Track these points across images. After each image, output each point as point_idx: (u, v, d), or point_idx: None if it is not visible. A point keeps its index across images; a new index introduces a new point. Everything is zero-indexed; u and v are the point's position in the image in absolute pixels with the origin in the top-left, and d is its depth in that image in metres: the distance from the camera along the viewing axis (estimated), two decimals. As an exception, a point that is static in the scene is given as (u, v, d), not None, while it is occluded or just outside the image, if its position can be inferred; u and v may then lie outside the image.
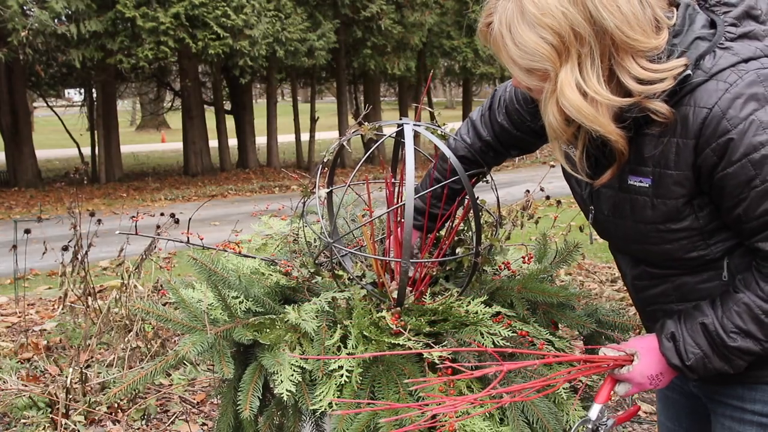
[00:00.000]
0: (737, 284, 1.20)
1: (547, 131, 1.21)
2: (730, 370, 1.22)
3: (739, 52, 1.13)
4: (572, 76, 1.10)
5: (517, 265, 1.83)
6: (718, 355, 1.20)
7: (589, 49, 1.09)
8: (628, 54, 1.10)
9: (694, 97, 1.12)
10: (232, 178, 16.01)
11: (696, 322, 1.22)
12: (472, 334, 1.48)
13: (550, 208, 4.02)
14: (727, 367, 1.21)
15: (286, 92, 29.24)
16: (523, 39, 1.12)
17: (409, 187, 1.38)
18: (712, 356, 1.21)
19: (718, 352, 1.20)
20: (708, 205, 1.19)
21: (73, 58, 12.12)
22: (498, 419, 1.45)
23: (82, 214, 3.92)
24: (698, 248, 1.22)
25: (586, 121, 1.12)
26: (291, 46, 13.43)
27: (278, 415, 1.60)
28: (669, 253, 1.24)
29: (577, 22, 1.08)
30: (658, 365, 1.27)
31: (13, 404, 3.16)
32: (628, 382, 1.31)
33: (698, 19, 1.17)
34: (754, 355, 1.19)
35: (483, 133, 1.59)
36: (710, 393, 1.36)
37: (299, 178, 2.18)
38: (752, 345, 1.17)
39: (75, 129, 17.23)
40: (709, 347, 1.21)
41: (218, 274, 1.62)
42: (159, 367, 1.53)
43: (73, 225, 3.83)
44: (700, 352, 1.21)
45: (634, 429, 3.09)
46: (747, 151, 1.08)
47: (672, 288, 1.30)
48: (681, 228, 1.20)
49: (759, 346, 1.17)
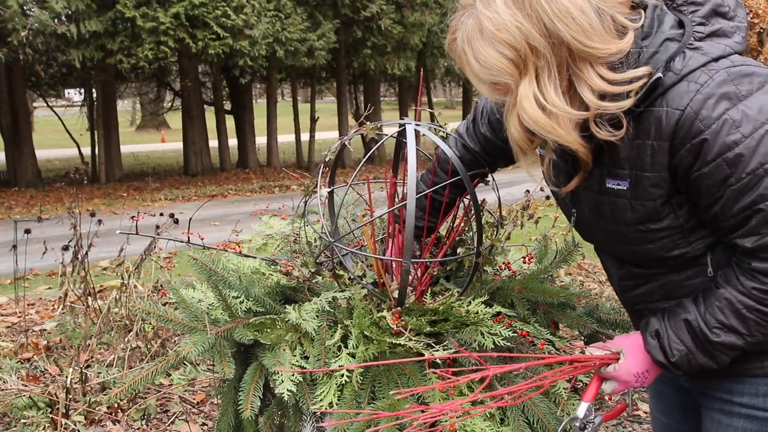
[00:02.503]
0: (718, 280, 1.21)
1: (511, 144, 1.23)
2: (714, 365, 1.22)
3: (708, 51, 1.13)
4: (530, 89, 1.12)
5: (517, 265, 1.83)
6: (701, 351, 1.21)
7: (545, 61, 1.10)
8: (587, 63, 1.11)
9: (666, 99, 1.13)
10: (232, 178, 16.00)
11: (679, 319, 1.23)
12: (473, 334, 1.48)
13: (550, 208, 4.03)
14: (712, 363, 1.22)
15: (286, 92, 29.24)
16: (482, 55, 1.13)
17: (411, 187, 1.38)
18: (696, 352, 1.22)
19: (702, 348, 1.21)
20: (686, 203, 1.20)
21: (73, 58, 12.11)
22: (498, 419, 1.45)
23: (82, 214, 3.92)
24: (680, 246, 1.23)
25: (545, 133, 1.14)
26: (291, 46, 13.43)
27: (279, 415, 1.60)
28: (651, 252, 1.25)
29: (532, 35, 1.09)
30: (643, 362, 1.28)
31: (13, 404, 3.16)
32: (615, 380, 1.31)
33: (666, 19, 1.17)
34: (737, 349, 1.20)
35: (470, 144, 1.61)
36: (700, 387, 1.37)
37: (299, 178, 2.18)
38: (735, 339, 1.18)
39: (75, 129, 17.23)
40: (692, 343, 1.21)
41: (218, 274, 1.62)
42: (159, 367, 1.53)
43: (73, 225, 3.83)
44: (684, 349, 1.22)
45: (634, 429, 3.09)
46: (721, 150, 1.09)
47: (657, 286, 1.31)
48: (661, 228, 1.21)
49: (742, 341, 1.18)
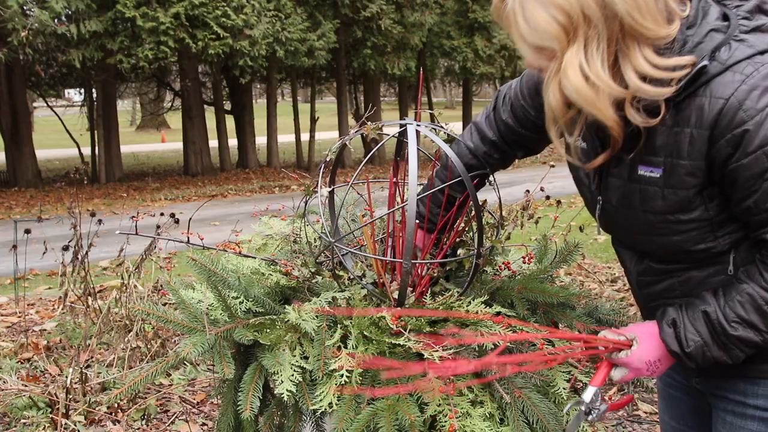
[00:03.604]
0: (740, 275, 1.20)
1: (546, 113, 1.21)
2: (729, 360, 1.21)
3: (754, 44, 1.13)
4: (577, 58, 1.11)
5: (517, 266, 1.83)
6: (717, 344, 1.20)
7: (596, 32, 1.10)
8: (635, 41, 1.11)
9: (710, 88, 1.13)
10: (232, 178, 16.00)
11: (698, 310, 1.22)
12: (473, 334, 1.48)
13: (550, 208, 4.03)
14: (726, 357, 1.21)
15: (286, 92, 29.24)
16: (533, 17, 1.12)
17: (412, 187, 1.38)
18: (712, 344, 1.21)
19: (718, 341, 1.20)
20: (718, 195, 1.18)
21: (73, 58, 12.11)
22: (498, 419, 1.45)
23: (82, 214, 3.92)
24: (706, 240, 1.22)
25: (584, 103, 1.13)
26: (291, 46, 13.43)
27: (278, 415, 1.60)
28: (676, 244, 1.24)
29: (587, 4, 1.09)
30: (656, 351, 1.27)
31: (13, 404, 3.16)
32: (625, 368, 1.30)
33: (711, 11, 1.17)
34: (753, 346, 1.19)
35: (488, 133, 1.58)
36: (713, 388, 1.36)
37: (299, 178, 2.18)
38: (753, 335, 1.17)
39: (75, 129, 17.23)
40: (709, 335, 1.21)
41: (218, 274, 1.62)
42: (159, 367, 1.53)
43: (73, 225, 3.83)
44: (700, 340, 1.21)
45: (634, 429, 3.09)
46: (762, 142, 1.09)
47: (677, 283, 1.30)
48: (690, 219, 1.20)
49: (760, 337, 1.17)
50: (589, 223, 4.32)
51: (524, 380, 1.48)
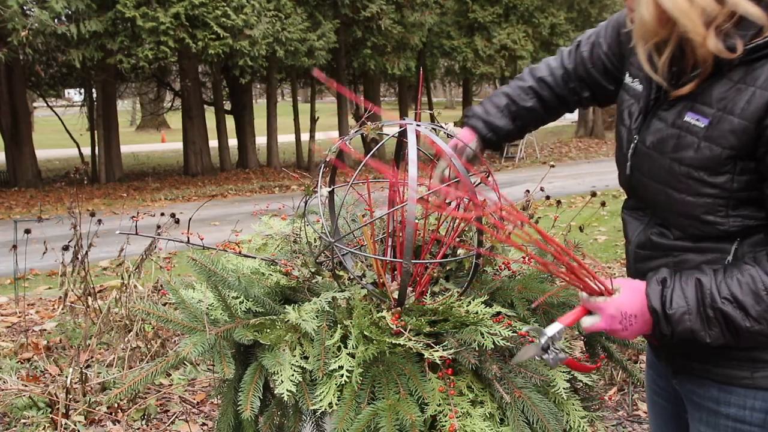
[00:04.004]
0: (746, 259, 1.17)
1: (636, 29, 1.18)
2: (705, 337, 1.17)
3: None
4: None
5: (517, 265, 1.83)
6: (700, 315, 1.16)
7: None
8: None
9: None
10: (232, 178, 16.01)
11: (692, 277, 1.19)
12: (473, 334, 1.48)
13: (550, 208, 4.03)
14: (703, 333, 1.17)
15: (286, 92, 29.25)
16: None
17: (412, 187, 1.38)
18: (695, 314, 1.17)
19: (703, 312, 1.16)
20: (750, 172, 1.15)
21: (73, 58, 12.12)
22: (498, 419, 1.45)
23: (82, 214, 3.92)
24: (718, 213, 1.18)
25: (679, 14, 1.10)
26: (291, 46, 13.44)
27: (278, 415, 1.60)
28: (688, 207, 1.20)
29: None
30: (636, 304, 1.22)
31: (13, 404, 3.16)
32: (599, 315, 1.25)
33: None
34: (734, 331, 1.15)
35: (567, 61, 1.59)
36: (689, 393, 1.34)
37: (299, 178, 2.18)
38: (739, 318, 1.14)
39: (75, 129, 17.24)
40: (695, 303, 1.17)
41: (218, 274, 1.62)
42: (159, 367, 1.53)
43: (73, 225, 3.83)
44: (685, 306, 1.17)
45: (634, 429, 3.09)
46: None
47: (672, 263, 1.27)
48: (713, 183, 1.17)
49: (745, 323, 1.14)
50: (589, 223, 4.31)
51: (524, 380, 1.48)
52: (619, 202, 1.66)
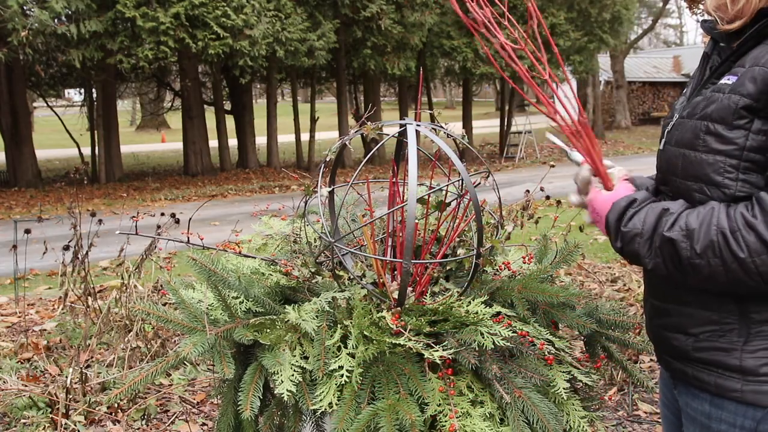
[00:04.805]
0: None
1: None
2: (648, 263, 1.20)
3: None
4: None
5: (517, 266, 1.83)
6: (650, 242, 1.19)
7: None
8: None
9: None
10: (232, 178, 16.01)
11: (661, 205, 1.22)
12: (473, 334, 1.48)
13: (550, 208, 4.02)
14: (647, 260, 1.20)
15: (286, 92, 29.25)
16: None
17: (412, 186, 1.38)
18: (645, 239, 1.20)
19: (654, 239, 1.19)
20: (765, 134, 1.15)
21: (73, 58, 12.11)
22: (498, 419, 1.45)
23: (82, 214, 3.92)
24: (728, 174, 1.18)
25: None
26: (291, 46, 13.43)
27: (278, 415, 1.60)
28: (700, 166, 1.21)
29: None
30: (604, 210, 1.28)
31: (13, 404, 3.16)
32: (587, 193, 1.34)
33: None
34: (677, 261, 1.16)
35: None
36: (684, 405, 1.35)
37: (299, 178, 2.18)
38: (684, 246, 1.14)
39: (75, 129, 17.24)
40: (650, 229, 1.19)
41: (218, 274, 1.62)
42: (159, 367, 1.53)
43: (73, 225, 3.83)
44: (640, 228, 1.21)
45: (634, 429, 3.09)
46: None
47: None
48: (728, 138, 1.17)
49: (687, 252, 1.14)
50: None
51: (524, 380, 1.48)
52: (619, 202, 1.66)
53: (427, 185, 1.81)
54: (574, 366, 1.58)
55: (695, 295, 1.25)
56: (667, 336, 1.32)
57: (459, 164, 1.45)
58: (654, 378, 3.05)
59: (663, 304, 1.33)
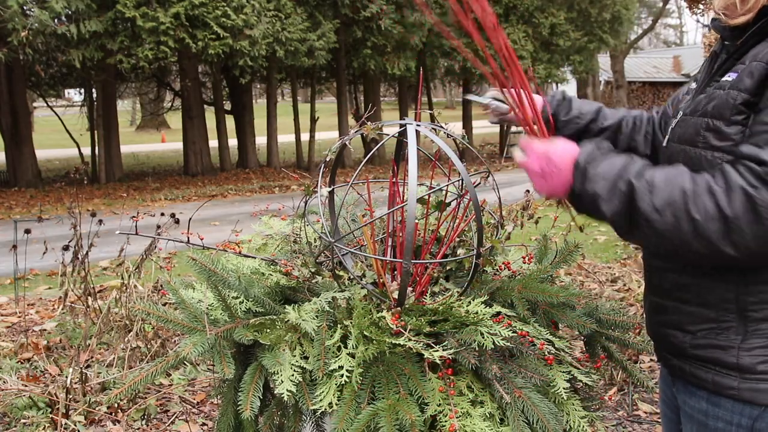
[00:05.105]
0: None
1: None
2: (602, 204, 1.19)
3: None
4: None
5: (517, 266, 1.83)
6: (612, 184, 1.18)
7: None
8: None
9: None
10: (232, 178, 16.01)
11: (628, 155, 1.22)
12: (473, 334, 1.48)
13: (550, 208, 4.02)
14: (605, 202, 1.18)
15: (286, 92, 29.25)
16: None
17: (412, 186, 1.38)
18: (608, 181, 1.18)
19: (617, 182, 1.17)
20: None
21: (73, 58, 12.11)
22: (498, 419, 1.45)
23: (82, 214, 3.92)
24: None
25: None
26: (291, 46, 13.43)
27: (278, 415, 1.60)
28: (699, 162, 1.22)
29: None
30: (565, 158, 1.25)
31: (13, 404, 3.16)
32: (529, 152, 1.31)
33: None
34: (633, 210, 1.15)
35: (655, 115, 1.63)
36: (682, 403, 1.36)
37: (299, 178, 2.18)
38: (643, 197, 1.14)
39: (75, 129, 17.24)
40: (616, 172, 1.18)
41: (218, 274, 1.62)
42: (159, 367, 1.53)
43: (73, 225, 3.83)
44: (605, 171, 1.19)
45: (634, 429, 3.09)
46: None
47: None
48: (727, 134, 1.18)
49: (645, 204, 1.13)
50: (589, 223, 4.31)
51: (524, 380, 1.48)
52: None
53: (427, 185, 1.81)
54: (574, 366, 1.58)
55: (694, 293, 1.26)
56: (665, 333, 1.33)
57: (459, 164, 1.45)
58: (654, 378, 3.05)
59: (662, 302, 1.33)
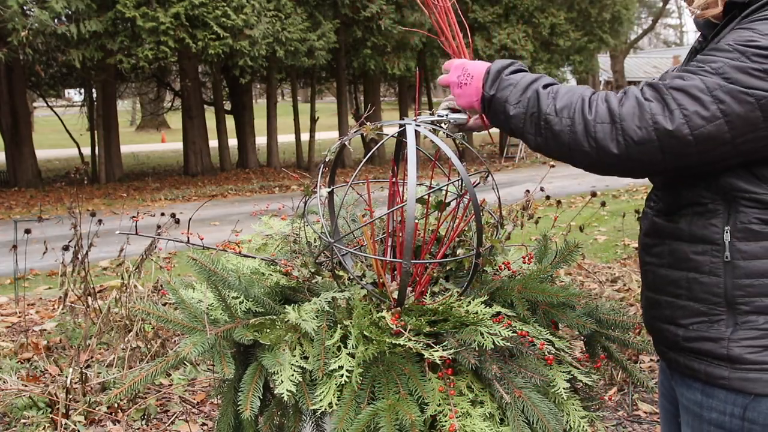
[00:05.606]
0: None
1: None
2: (510, 109, 1.29)
3: None
4: None
5: (517, 265, 1.83)
6: (521, 91, 1.29)
7: None
8: None
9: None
10: (232, 178, 16.01)
11: (539, 74, 1.31)
12: (473, 334, 1.48)
13: (550, 208, 4.03)
14: (512, 107, 1.29)
15: (286, 92, 29.24)
16: None
17: (411, 186, 1.38)
18: (518, 89, 1.30)
19: (525, 90, 1.28)
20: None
21: (73, 58, 12.11)
22: (498, 419, 1.45)
23: (82, 214, 3.92)
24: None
25: None
26: (291, 46, 13.43)
27: (278, 415, 1.60)
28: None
29: None
30: (479, 67, 1.38)
31: (13, 404, 3.16)
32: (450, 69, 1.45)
33: None
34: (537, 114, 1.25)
35: None
36: (679, 395, 1.39)
37: (299, 178, 2.18)
38: (548, 101, 1.24)
39: (75, 129, 17.25)
40: (526, 82, 1.29)
41: (218, 274, 1.62)
42: (159, 367, 1.53)
43: (73, 225, 3.83)
44: (518, 80, 1.30)
45: (634, 429, 3.09)
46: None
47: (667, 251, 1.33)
48: None
49: (547, 108, 1.24)
50: (589, 223, 4.31)
51: (524, 380, 1.48)
52: (618, 202, 1.66)
53: (426, 185, 1.81)
54: (574, 366, 1.58)
55: (685, 288, 1.30)
56: (660, 327, 1.37)
57: (458, 164, 1.45)
58: (654, 378, 3.05)
59: (656, 297, 1.38)
